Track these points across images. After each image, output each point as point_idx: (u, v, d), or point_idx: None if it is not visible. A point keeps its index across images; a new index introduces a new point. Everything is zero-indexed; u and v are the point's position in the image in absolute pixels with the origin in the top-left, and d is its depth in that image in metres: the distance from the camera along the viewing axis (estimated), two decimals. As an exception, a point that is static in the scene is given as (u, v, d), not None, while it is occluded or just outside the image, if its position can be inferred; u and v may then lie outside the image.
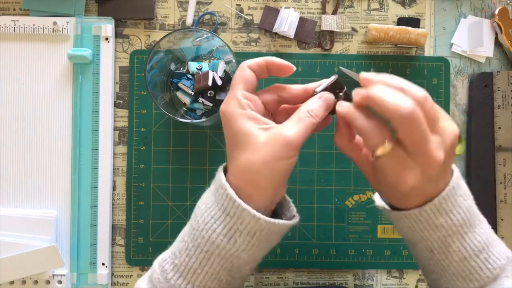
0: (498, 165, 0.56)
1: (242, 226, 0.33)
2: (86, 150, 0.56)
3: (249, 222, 0.33)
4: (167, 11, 0.58)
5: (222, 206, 0.34)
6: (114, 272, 0.57)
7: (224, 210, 0.34)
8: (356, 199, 0.57)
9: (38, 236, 0.54)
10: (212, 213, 0.34)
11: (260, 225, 0.33)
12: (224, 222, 0.33)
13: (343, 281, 0.57)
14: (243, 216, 0.33)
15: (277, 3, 0.58)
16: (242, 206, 0.33)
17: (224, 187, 0.34)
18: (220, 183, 0.34)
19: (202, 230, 0.34)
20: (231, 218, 0.33)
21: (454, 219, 0.34)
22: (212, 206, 0.34)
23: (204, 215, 0.34)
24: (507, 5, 0.58)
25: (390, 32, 0.56)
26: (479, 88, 0.57)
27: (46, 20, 0.56)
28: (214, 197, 0.35)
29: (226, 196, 0.34)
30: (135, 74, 0.57)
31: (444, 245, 0.35)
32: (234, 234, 0.33)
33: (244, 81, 0.36)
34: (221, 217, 0.34)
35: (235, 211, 0.33)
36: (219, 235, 0.33)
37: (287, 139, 0.33)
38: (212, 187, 0.36)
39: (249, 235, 0.33)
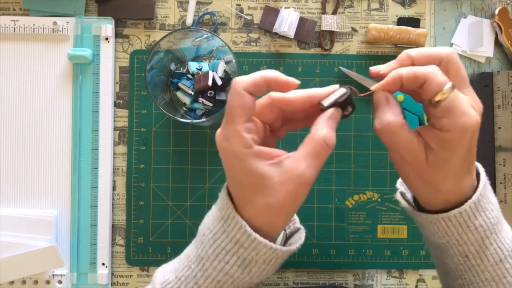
0: (498, 165, 0.56)
1: (257, 256, 0.32)
2: (86, 150, 0.56)
3: (265, 252, 0.32)
4: (167, 11, 0.58)
5: (234, 237, 0.32)
6: (114, 272, 0.57)
7: (237, 242, 0.32)
8: (356, 199, 0.57)
9: (38, 236, 0.54)
10: (223, 244, 0.32)
11: (277, 254, 0.32)
12: (238, 253, 0.32)
13: (343, 281, 0.57)
14: (259, 248, 0.32)
15: (277, 3, 0.58)
16: (258, 240, 0.31)
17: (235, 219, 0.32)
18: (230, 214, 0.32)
19: (213, 261, 0.32)
20: (245, 250, 0.32)
21: (490, 217, 0.33)
22: (222, 236, 0.32)
23: (213, 245, 0.33)
24: (507, 5, 0.58)
25: (390, 32, 0.56)
26: (479, 88, 0.57)
27: (46, 20, 0.56)
28: (222, 227, 0.33)
29: (238, 229, 0.32)
30: (135, 74, 0.57)
31: (481, 248, 0.33)
32: (249, 264, 0.32)
33: (243, 111, 0.30)
34: (233, 248, 0.32)
35: (250, 244, 0.32)
36: (233, 266, 0.32)
37: (305, 180, 0.31)
38: (218, 214, 0.33)
39: (264, 263, 0.32)
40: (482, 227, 0.33)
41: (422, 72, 0.30)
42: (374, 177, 0.57)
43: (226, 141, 0.31)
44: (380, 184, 0.57)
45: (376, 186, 0.57)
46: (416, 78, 0.30)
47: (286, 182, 0.30)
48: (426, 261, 0.57)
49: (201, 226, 0.35)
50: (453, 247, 0.34)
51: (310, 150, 0.31)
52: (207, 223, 0.34)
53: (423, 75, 0.30)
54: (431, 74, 0.30)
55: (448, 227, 0.33)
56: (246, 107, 0.31)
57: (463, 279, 0.35)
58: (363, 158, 0.57)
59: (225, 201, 0.33)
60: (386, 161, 0.57)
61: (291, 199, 0.31)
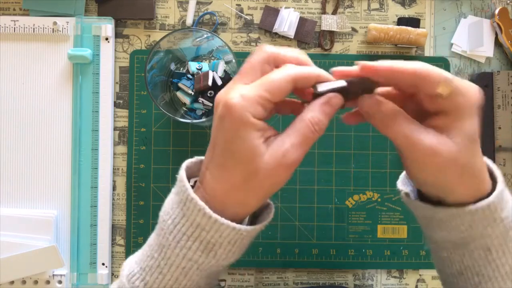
0: (498, 165, 0.56)
1: (221, 239, 0.30)
2: (86, 150, 0.56)
3: (229, 234, 0.30)
4: (167, 11, 0.58)
5: (195, 221, 0.30)
6: (114, 272, 0.57)
7: (198, 225, 0.30)
8: (356, 199, 0.57)
9: (38, 236, 0.54)
10: (183, 229, 0.31)
11: (241, 235, 0.31)
12: (200, 238, 0.30)
13: (343, 281, 0.57)
14: (222, 230, 0.30)
15: (277, 3, 0.58)
16: (219, 221, 0.30)
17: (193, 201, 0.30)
18: (187, 196, 0.31)
19: (175, 248, 0.31)
20: (207, 233, 0.30)
21: None
22: (182, 221, 0.31)
23: (173, 232, 0.31)
24: (507, 5, 0.58)
25: (390, 32, 0.56)
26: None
27: (46, 20, 0.56)
28: (181, 211, 0.31)
29: (198, 211, 0.30)
30: (135, 74, 0.57)
31: (504, 240, 0.32)
32: (213, 247, 0.31)
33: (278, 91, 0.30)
34: (194, 232, 0.30)
35: (211, 226, 0.30)
36: (196, 251, 0.31)
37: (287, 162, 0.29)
38: (177, 198, 0.32)
39: (229, 244, 0.31)
40: (508, 219, 0.32)
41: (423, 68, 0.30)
42: (374, 177, 0.57)
43: (242, 100, 0.29)
44: (380, 184, 0.57)
45: (376, 186, 0.57)
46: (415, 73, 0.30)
47: (269, 162, 0.29)
48: (426, 261, 0.57)
49: (161, 213, 0.33)
50: (475, 241, 0.32)
51: (296, 130, 0.30)
52: (166, 208, 0.33)
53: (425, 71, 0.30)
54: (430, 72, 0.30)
55: (474, 220, 0.31)
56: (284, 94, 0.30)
57: (481, 275, 0.33)
58: (363, 158, 0.57)
59: (183, 183, 0.31)
60: (386, 161, 0.57)
61: (271, 179, 0.30)
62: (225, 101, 0.29)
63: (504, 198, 0.32)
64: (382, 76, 0.31)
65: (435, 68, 0.30)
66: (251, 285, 0.57)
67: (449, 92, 0.30)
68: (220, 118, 0.30)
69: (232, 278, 0.57)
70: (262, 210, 0.36)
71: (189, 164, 0.34)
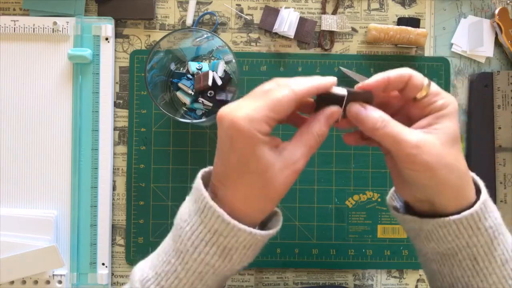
0: (498, 165, 0.56)
1: (237, 243, 0.33)
2: (86, 150, 0.56)
3: (245, 238, 0.32)
4: (167, 11, 0.58)
5: (212, 227, 0.32)
6: (114, 272, 0.57)
7: (215, 232, 0.32)
8: (356, 199, 0.57)
9: (38, 236, 0.54)
10: (201, 236, 0.33)
11: (256, 239, 0.33)
12: (217, 243, 0.32)
13: (343, 281, 0.57)
14: (238, 235, 0.32)
15: (277, 3, 0.58)
16: (237, 227, 0.32)
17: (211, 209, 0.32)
18: (206, 204, 0.32)
19: (193, 253, 0.33)
20: (224, 238, 0.32)
21: (498, 217, 0.34)
22: (200, 227, 0.33)
23: (191, 237, 0.33)
24: (507, 5, 0.58)
25: (390, 32, 0.56)
26: (479, 88, 0.57)
27: (46, 20, 0.56)
28: (199, 218, 0.33)
29: (216, 218, 0.32)
30: (135, 74, 0.57)
31: (489, 249, 0.33)
32: (229, 252, 0.33)
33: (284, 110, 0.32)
34: (212, 238, 0.32)
35: (229, 232, 0.32)
36: (213, 256, 0.33)
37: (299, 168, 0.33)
38: (195, 206, 0.34)
39: (244, 249, 0.33)
40: (492, 228, 0.33)
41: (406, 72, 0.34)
42: (374, 177, 0.57)
43: (250, 122, 0.31)
44: (380, 184, 0.57)
45: (376, 186, 0.57)
46: (402, 76, 0.34)
47: (283, 170, 0.32)
48: (426, 261, 0.57)
49: (177, 220, 0.35)
50: (462, 251, 0.34)
51: (306, 141, 0.33)
52: (183, 216, 0.34)
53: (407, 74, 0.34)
54: (413, 73, 0.34)
55: (459, 229, 0.33)
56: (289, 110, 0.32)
57: (470, 286, 0.34)
58: (363, 158, 0.57)
59: (200, 192, 0.33)
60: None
61: (285, 185, 0.33)
62: (233, 121, 0.31)
63: (488, 208, 0.33)
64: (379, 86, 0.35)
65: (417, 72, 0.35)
66: (251, 285, 0.57)
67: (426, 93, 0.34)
68: (229, 138, 0.32)
69: (232, 278, 0.57)
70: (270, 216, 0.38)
71: (204, 174, 0.36)
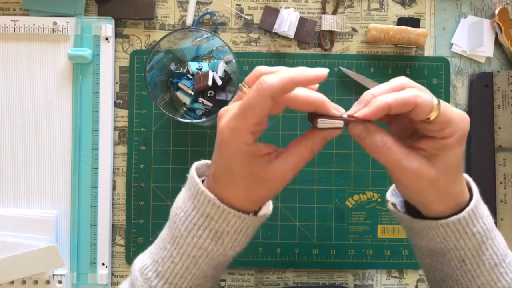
0: (498, 165, 0.56)
1: (228, 227, 0.34)
2: (86, 150, 0.56)
3: (235, 222, 0.34)
4: (167, 11, 0.58)
5: (204, 212, 0.34)
6: (114, 272, 0.57)
7: (207, 216, 0.34)
8: (356, 199, 0.57)
9: (38, 236, 0.54)
10: (194, 220, 0.34)
11: (246, 223, 0.34)
12: (209, 226, 0.34)
13: (343, 281, 0.57)
14: (229, 218, 0.33)
15: (277, 3, 0.58)
16: (227, 210, 0.33)
17: (203, 194, 0.34)
18: (198, 190, 0.34)
19: (187, 237, 0.34)
20: (216, 222, 0.33)
21: (487, 223, 0.34)
22: (193, 212, 0.34)
23: (185, 223, 0.34)
24: (507, 5, 0.58)
25: (390, 32, 0.56)
26: (479, 88, 0.57)
27: (46, 20, 0.56)
28: (192, 204, 0.34)
29: (207, 202, 0.33)
30: (135, 74, 0.57)
31: (477, 253, 0.34)
32: (221, 235, 0.34)
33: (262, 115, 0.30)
34: (205, 222, 0.34)
35: (219, 215, 0.33)
36: (206, 239, 0.34)
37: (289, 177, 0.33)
38: (188, 193, 0.35)
39: (235, 233, 0.34)
40: (480, 234, 0.34)
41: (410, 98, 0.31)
42: (374, 177, 0.57)
43: (231, 133, 0.31)
44: (380, 184, 0.57)
45: (376, 186, 0.57)
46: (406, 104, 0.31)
47: (269, 180, 0.33)
48: (426, 261, 0.57)
49: (172, 208, 0.36)
50: (450, 252, 0.35)
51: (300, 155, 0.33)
52: (178, 203, 0.36)
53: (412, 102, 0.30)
54: (419, 99, 0.30)
55: (447, 232, 0.34)
56: (266, 111, 0.30)
57: (460, 284, 0.35)
58: (363, 158, 0.57)
59: (193, 179, 0.35)
60: (386, 161, 0.57)
61: (274, 192, 0.34)
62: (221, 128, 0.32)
63: (477, 214, 0.34)
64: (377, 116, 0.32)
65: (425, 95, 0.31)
66: (251, 285, 0.57)
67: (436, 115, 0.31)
68: (218, 144, 0.33)
69: (232, 278, 0.57)
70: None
71: (198, 166, 0.37)
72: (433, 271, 0.38)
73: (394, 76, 0.34)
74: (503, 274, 0.34)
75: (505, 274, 0.35)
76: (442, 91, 0.58)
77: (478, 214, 0.34)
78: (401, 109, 0.31)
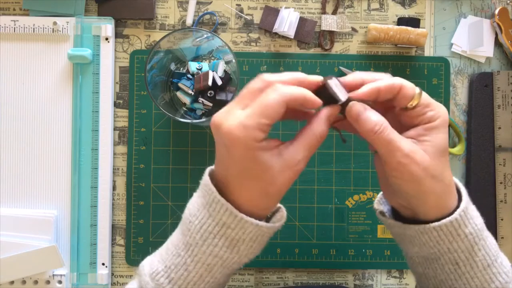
0: (498, 165, 0.56)
1: (244, 235, 0.34)
2: (86, 150, 0.56)
3: (251, 230, 0.33)
4: (167, 11, 0.58)
5: (221, 220, 0.33)
6: (114, 272, 0.57)
7: (224, 224, 0.33)
8: (356, 199, 0.57)
9: (38, 236, 0.54)
10: (210, 229, 0.34)
11: (262, 231, 0.34)
12: (225, 235, 0.33)
13: (343, 281, 0.57)
14: (245, 227, 0.33)
15: (277, 3, 0.58)
16: (244, 219, 0.33)
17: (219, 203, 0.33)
18: (214, 198, 0.34)
19: (202, 246, 0.34)
20: (232, 230, 0.33)
21: (478, 223, 0.35)
22: (208, 221, 0.34)
23: (200, 231, 0.34)
24: (507, 5, 0.58)
25: (390, 32, 0.56)
26: (479, 88, 0.57)
27: (46, 20, 0.56)
28: (208, 212, 0.34)
29: (224, 211, 0.33)
30: (135, 74, 0.57)
31: (470, 255, 0.34)
32: (236, 244, 0.34)
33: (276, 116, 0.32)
34: (221, 230, 0.33)
35: (236, 224, 0.33)
36: (221, 247, 0.34)
37: (300, 167, 0.33)
38: (203, 200, 0.35)
39: (251, 241, 0.34)
40: (472, 235, 0.34)
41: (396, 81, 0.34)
42: (374, 177, 0.57)
43: (244, 130, 0.31)
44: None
45: (376, 186, 0.57)
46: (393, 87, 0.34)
47: (285, 171, 0.33)
48: (426, 261, 0.57)
49: (185, 215, 0.36)
50: (443, 256, 0.35)
51: (308, 142, 0.34)
52: (192, 210, 0.35)
53: (398, 85, 0.34)
54: (404, 83, 0.34)
55: (440, 236, 0.34)
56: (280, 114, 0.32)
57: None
58: (363, 158, 0.57)
59: (208, 187, 0.34)
60: (386, 161, 0.57)
61: (287, 184, 0.33)
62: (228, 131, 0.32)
63: (468, 215, 0.34)
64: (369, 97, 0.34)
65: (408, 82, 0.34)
66: (251, 285, 0.57)
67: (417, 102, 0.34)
68: (226, 147, 0.32)
69: (232, 278, 0.57)
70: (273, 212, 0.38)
71: (211, 171, 0.37)
72: (426, 279, 0.38)
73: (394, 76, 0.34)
74: (496, 275, 0.35)
75: (498, 275, 0.35)
76: (442, 91, 0.58)
77: (469, 215, 0.34)
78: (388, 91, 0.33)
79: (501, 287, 0.35)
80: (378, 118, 0.33)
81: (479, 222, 0.35)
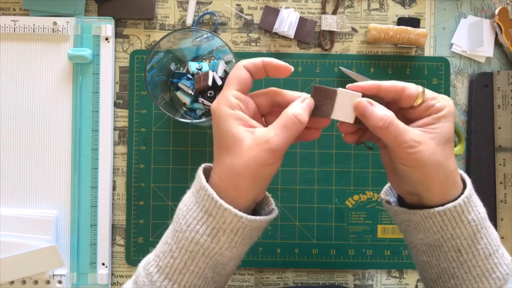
0: (498, 165, 0.56)
1: (224, 225, 0.34)
2: (86, 150, 0.56)
3: (232, 220, 0.34)
4: (167, 11, 0.58)
5: (204, 207, 0.34)
6: (114, 272, 0.57)
7: (206, 211, 0.34)
8: (356, 199, 0.57)
9: (38, 236, 0.54)
10: (194, 215, 0.35)
11: (242, 223, 0.34)
12: (207, 222, 0.34)
13: (343, 281, 0.57)
14: (225, 216, 0.34)
15: (277, 3, 0.58)
16: (224, 206, 0.34)
17: (204, 189, 0.34)
18: (201, 184, 0.35)
19: (185, 231, 0.35)
20: (213, 218, 0.34)
21: (481, 212, 0.36)
22: (194, 207, 0.35)
23: (186, 217, 0.35)
24: (507, 5, 0.58)
25: (390, 32, 0.56)
26: (479, 88, 0.57)
27: (46, 20, 0.56)
28: (195, 198, 0.35)
29: (207, 197, 0.34)
30: (135, 74, 0.57)
31: (473, 242, 0.35)
32: (217, 233, 0.34)
33: (238, 81, 0.36)
34: (203, 217, 0.34)
35: (217, 211, 0.34)
36: (203, 235, 0.34)
37: (270, 146, 0.33)
38: (193, 189, 0.36)
39: (232, 233, 0.34)
40: (475, 222, 0.35)
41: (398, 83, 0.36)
42: (374, 177, 0.57)
43: (216, 103, 0.36)
44: (380, 184, 0.57)
45: (376, 186, 0.57)
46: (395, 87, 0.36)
47: (253, 146, 0.34)
48: (426, 261, 0.57)
49: (179, 204, 0.37)
50: (446, 242, 0.36)
51: (281, 122, 0.35)
52: (184, 199, 0.37)
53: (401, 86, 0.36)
54: (407, 84, 0.36)
55: (443, 221, 0.35)
56: (240, 78, 0.36)
57: (456, 278, 0.36)
58: (363, 158, 0.57)
59: (199, 176, 0.36)
60: (386, 161, 0.57)
61: (256, 162, 0.34)
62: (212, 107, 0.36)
63: (472, 202, 0.35)
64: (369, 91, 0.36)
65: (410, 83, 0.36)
66: (251, 285, 0.57)
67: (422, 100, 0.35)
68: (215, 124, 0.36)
69: (232, 278, 0.57)
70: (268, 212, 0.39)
71: (206, 166, 0.38)
72: (429, 268, 0.39)
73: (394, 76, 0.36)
74: (497, 265, 0.35)
75: (499, 265, 0.35)
76: (442, 91, 0.58)
77: (473, 203, 0.35)
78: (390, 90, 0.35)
79: (501, 278, 0.35)
80: (383, 112, 0.35)
81: (482, 211, 0.36)
